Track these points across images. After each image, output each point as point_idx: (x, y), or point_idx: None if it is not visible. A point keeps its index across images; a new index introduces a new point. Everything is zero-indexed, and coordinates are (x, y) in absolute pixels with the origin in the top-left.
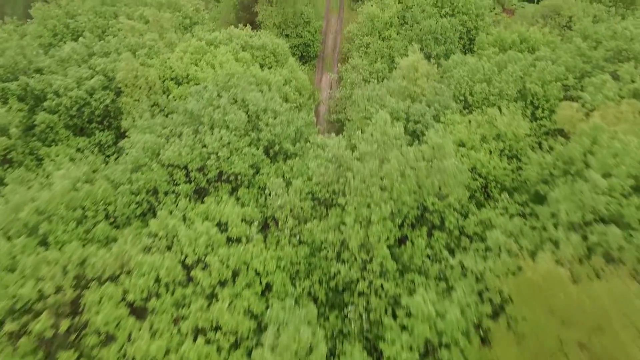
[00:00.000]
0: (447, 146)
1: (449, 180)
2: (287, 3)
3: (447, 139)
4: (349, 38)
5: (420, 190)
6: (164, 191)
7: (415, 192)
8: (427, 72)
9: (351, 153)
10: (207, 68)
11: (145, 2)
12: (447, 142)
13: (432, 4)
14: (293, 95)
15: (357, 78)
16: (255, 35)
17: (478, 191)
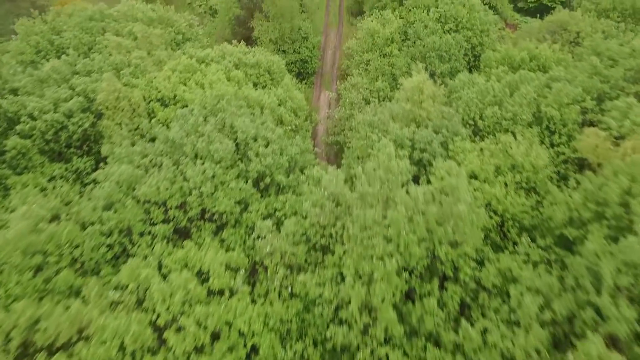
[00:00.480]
0: (462, 187)
1: (465, 227)
2: (284, 18)
3: (461, 180)
4: (349, 54)
5: (430, 236)
6: (138, 232)
7: (425, 240)
8: (432, 94)
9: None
10: (196, 88)
11: (136, 18)
12: (461, 182)
13: (435, 19)
14: (288, 117)
15: (357, 97)
16: (250, 52)
17: (493, 230)
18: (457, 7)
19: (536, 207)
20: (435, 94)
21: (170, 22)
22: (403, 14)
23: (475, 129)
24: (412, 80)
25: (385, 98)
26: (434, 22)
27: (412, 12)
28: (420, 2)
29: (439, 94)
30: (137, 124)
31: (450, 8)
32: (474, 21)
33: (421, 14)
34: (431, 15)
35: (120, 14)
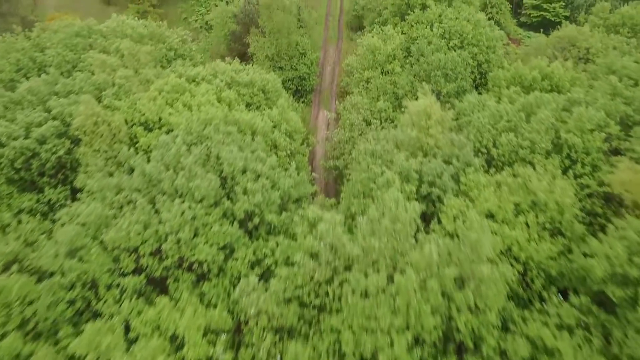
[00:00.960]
0: (485, 242)
1: (488, 290)
2: (280, 34)
3: (485, 234)
4: (348, 71)
5: (446, 303)
6: (105, 284)
7: (440, 307)
8: (440, 119)
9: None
10: (184, 110)
11: (125, 34)
12: (485, 236)
13: (439, 35)
14: (283, 141)
15: (357, 118)
16: (243, 70)
17: (515, 281)
18: (462, 23)
19: (564, 253)
20: (443, 118)
21: (162, 38)
22: (405, 30)
23: (488, 158)
24: (418, 104)
25: (388, 119)
26: (438, 38)
27: (415, 28)
28: (423, 17)
29: (447, 119)
30: (117, 151)
31: (455, 23)
32: (479, 37)
33: (424, 29)
34: (435, 31)
35: (109, 30)
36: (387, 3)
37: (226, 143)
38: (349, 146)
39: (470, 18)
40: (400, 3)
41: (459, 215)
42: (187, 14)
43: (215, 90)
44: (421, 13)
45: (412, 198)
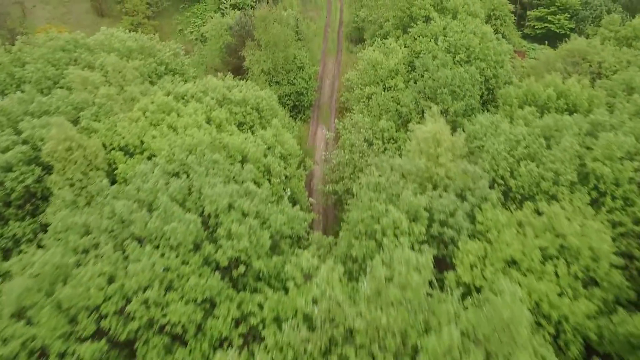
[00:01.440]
0: (522, 321)
1: None
2: (277, 47)
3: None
4: (348, 87)
5: None
6: (57, 353)
7: None
8: (451, 145)
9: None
10: (169, 132)
11: (112, 47)
12: (518, 312)
13: (444, 49)
14: (277, 166)
15: (358, 139)
16: (237, 87)
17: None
18: (469, 36)
19: (605, 312)
20: (454, 144)
21: (153, 52)
22: (408, 43)
23: (505, 189)
24: (427, 129)
25: (391, 139)
26: (443, 53)
27: (418, 41)
28: (426, 30)
29: (458, 145)
30: (93, 180)
31: (461, 37)
32: (487, 51)
33: (428, 43)
34: (440, 44)
35: (96, 44)
36: (389, 15)
37: (211, 174)
38: (349, 169)
39: (476, 31)
40: (402, 15)
41: (477, 262)
42: (182, 25)
43: (205, 109)
44: (425, 26)
45: (422, 240)
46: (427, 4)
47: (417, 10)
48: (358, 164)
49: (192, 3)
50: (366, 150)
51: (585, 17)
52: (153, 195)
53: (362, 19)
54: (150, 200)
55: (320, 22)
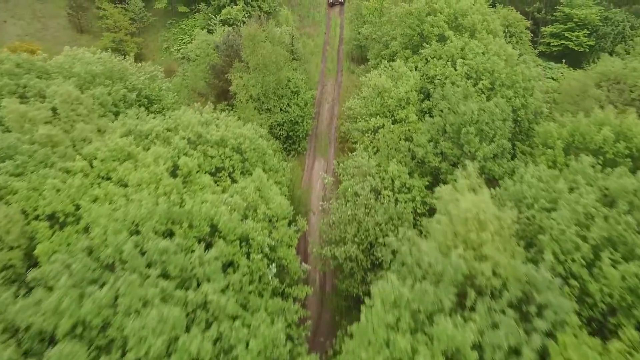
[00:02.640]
0: None
1: None
2: (267, 69)
3: None
4: (350, 116)
5: None
6: None
7: None
8: (499, 227)
9: None
10: (117, 192)
11: (72, 73)
12: None
13: (463, 74)
14: (259, 236)
15: (364, 188)
16: (216, 121)
17: None
18: (492, 59)
19: None
20: (502, 224)
21: (124, 76)
22: (419, 65)
23: (579, 294)
24: (465, 206)
25: (402, 188)
26: (463, 79)
27: (432, 64)
28: (441, 51)
29: (507, 222)
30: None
31: (483, 60)
32: (515, 76)
33: (444, 67)
34: (459, 69)
35: (54, 67)
36: (396, 33)
37: (150, 281)
38: (352, 228)
39: (500, 52)
40: (412, 34)
41: None
42: (169, 42)
43: (172, 154)
44: (439, 46)
45: None
46: (440, 20)
47: (429, 28)
48: (364, 223)
49: (180, 18)
50: (374, 204)
51: (607, 33)
52: (55, 319)
53: (364, 36)
54: (48, 329)
55: (319, 39)
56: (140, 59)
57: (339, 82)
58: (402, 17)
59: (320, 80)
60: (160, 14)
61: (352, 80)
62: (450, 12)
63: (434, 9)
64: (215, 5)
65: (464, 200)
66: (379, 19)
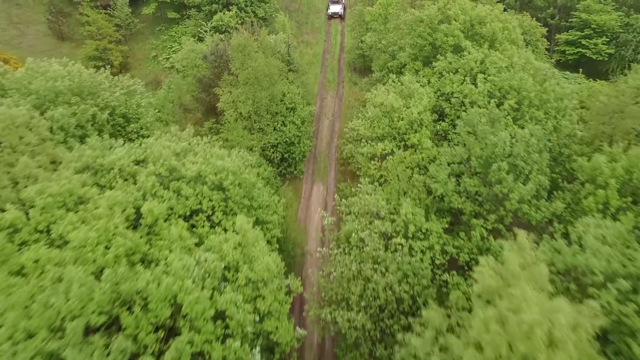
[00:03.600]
0: None
1: None
2: (260, 84)
3: None
4: (353, 139)
5: None
6: None
7: None
8: (577, 340)
9: None
10: (55, 255)
11: (30, 90)
12: None
13: (485, 92)
14: (240, 314)
15: (371, 236)
16: (194, 149)
17: None
18: (519, 74)
19: None
20: (577, 327)
21: (96, 92)
22: (432, 79)
23: None
24: (529, 318)
25: (417, 234)
26: (484, 97)
27: (447, 79)
28: (457, 63)
29: (585, 328)
30: None
31: (508, 76)
32: (546, 95)
33: (463, 83)
34: (481, 86)
35: (11, 82)
36: (405, 43)
37: None
38: (357, 286)
39: (527, 66)
40: (423, 43)
41: None
42: (158, 51)
43: (136, 197)
44: (456, 58)
45: None
46: (455, 29)
47: (443, 38)
48: (372, 282)
49: (170, 25)
50: (383, 255)
51: (628, 41)
52: None
53: (369, 45)
54: None
55: (318, 47)
56: (126, 69)
57: (339, 94)
58: (411, 25)
59: (319, 92)
60: (149, 20)
61: (354, 93)
62: (467, 19)
63: (447, 16)
64: (206, 11)
65: (526, 303)
66: (383, 25)
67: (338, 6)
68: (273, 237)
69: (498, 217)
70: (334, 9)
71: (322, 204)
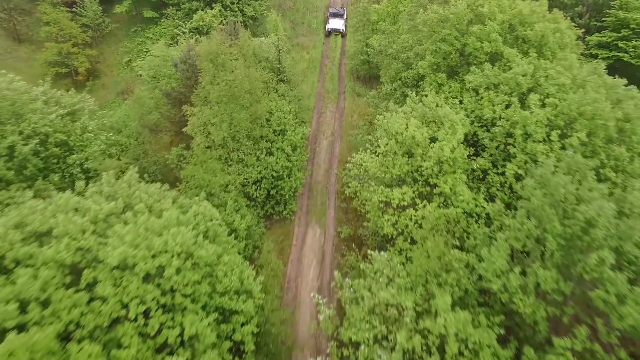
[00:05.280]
0: None
1: None
2: (237, 102)
3: None
4: (359, 177)
5: None
6: None
7: None
8: None
9: None
10: None
11: None
12: None
13: (543, 121)
14: None
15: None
16: (138, 203)
17: None
18: (590, 95)
19: None
20: None
21: (21, 112)
22: (464, 98)
23: None
24: None
25: (460, 347)
26: (542, 127)
27: (486, 99)
28: (497, 78)
29: None
30: None
31: (577, 98)
32: (628, 124)
33: (505, 105)
34: (537, 112)
35: None
36: (424, 48)
37: None
38: None
39: (593, 81)
40: (448, 50)
41: None
42: (132, 55)
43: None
44: (496, 72)
45: None
46: (492, 31)
47: (475, 44)
48: None
49: (147, 25)
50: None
51: None
52: None
53: (377, 50)
54: None
55: (315, 51)
56: (95, 76)
57: (340, 108)
58: (433, 26)
59: (317, 106)
60: (124, 20)
61: (358, 106)
62: (505, 18)
63: (480, 15)
64: (185, 9)
65: None
66: (395, 26)
67: (339, 21)
68: (246, 336)
69: (591, 331)
70: (335, 25)
71: (318, 255)
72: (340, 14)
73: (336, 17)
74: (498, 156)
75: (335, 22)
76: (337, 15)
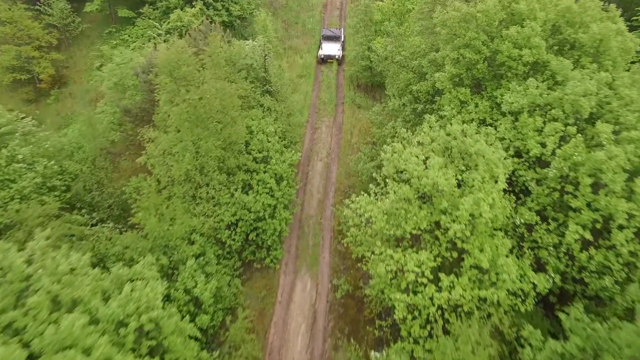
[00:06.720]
0: None
1: None
2: (204, 125)
3: None
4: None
5: None
6: None
7: None
8: None
9: None
10: None
11: None
12: None
13: (622, 164)
14: None
15: None
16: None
17: None
18: None
19: None
20: None
21: None
22: (501, 124)
23: None
24: None
25: None
26: (620, 172)
27: (531, 127)
28: (545, 97)
29: None
30: None
31: None
32: None
33: (559, 137)
34: (611, 150)
35: None
36: (442, 56)
37: None
38: None
39: None
40: (473, 59)
41: None
42: (104, 60)
43: None
44: (542, 88)
45: None
46: (532, 34)
47: (509, 50)
48: None
49: (123, 26)
50: None
51: None
52: None
53: (382, 56)
54: None
55: (310, 55)
56: (62, 83)
57: (338, 122)
58: (455, 27)
59: (310, 119)
60: (98, 19)
61: (359, 120)
62: (550, 17)
63: (516, 14)
64: (162, 7)
65: None
66: (403, 28)
67: (335, 45)
68: None
69: None
70: (329, 50)
71: (308, 317)
72: (336, 37)
73: (330, 41)
74: (549, 205)
75: (329, 47)
76: (332, 39)
